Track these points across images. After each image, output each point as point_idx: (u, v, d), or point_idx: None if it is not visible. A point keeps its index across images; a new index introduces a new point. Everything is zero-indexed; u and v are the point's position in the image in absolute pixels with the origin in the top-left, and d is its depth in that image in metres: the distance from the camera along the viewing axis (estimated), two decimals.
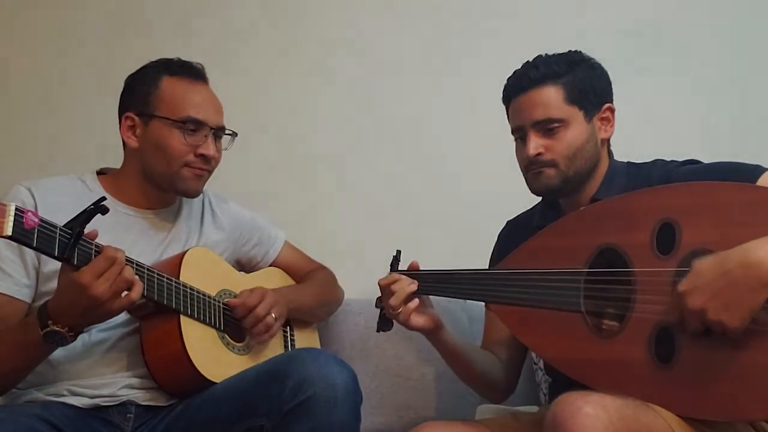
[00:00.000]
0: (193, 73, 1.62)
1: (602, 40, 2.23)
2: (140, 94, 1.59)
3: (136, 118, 1.58)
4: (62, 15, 2.29)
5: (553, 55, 1.53)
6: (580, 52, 1.55)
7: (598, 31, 2.26)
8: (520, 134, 1.54)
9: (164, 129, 1.57)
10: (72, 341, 1.33)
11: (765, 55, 2.32)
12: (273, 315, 1.61)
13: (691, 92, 2.30)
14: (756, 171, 1.38)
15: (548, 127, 1.49)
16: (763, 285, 1.17)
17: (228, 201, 1.81)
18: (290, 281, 1.87)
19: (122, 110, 1.62)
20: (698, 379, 1.24)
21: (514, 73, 1.55)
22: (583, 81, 1.50)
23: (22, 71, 2.28)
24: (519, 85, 1.52)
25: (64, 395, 1.43)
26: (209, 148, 1.58)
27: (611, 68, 1.58)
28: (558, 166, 1.50)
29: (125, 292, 1.32)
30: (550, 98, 1.49)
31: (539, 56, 1.54)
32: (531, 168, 1.52)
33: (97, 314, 1.31)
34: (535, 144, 1.49)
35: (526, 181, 1.56)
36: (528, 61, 1.54)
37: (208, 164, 1.60)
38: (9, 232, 1.18)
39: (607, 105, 1.54)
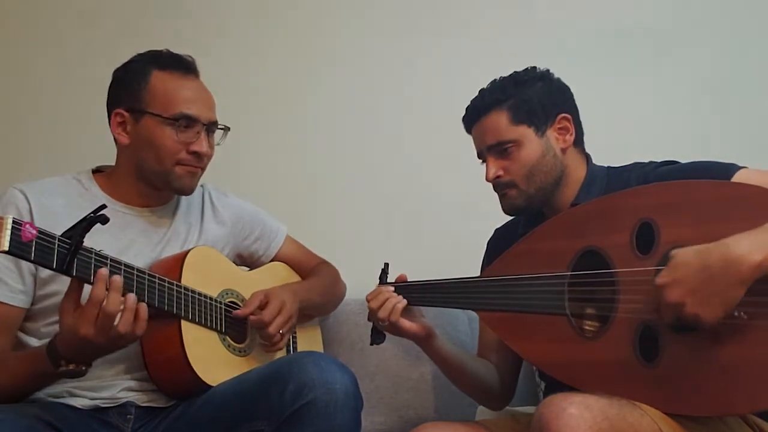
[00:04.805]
0: (183, 66, 1.56)
1: (588, 42, 2.25)
2: (130, 89, 1.54)
3: (127, 114, 1.54)
4: (60, 14, 2.33)
5: (501, 79, 1.60)
6: (534, 68, 1.60)
7: (584, 34, 2.27)
8: (481, 159, 1.62)
9: (156, 126, 1.52)
10: (88, 370, 1.33)
11: (754, 55, 2.31)
12: (281, 332, 1.60)
13: (679, 94, 2.30)
14: (730, 168, 1.40)
15: (502, 149, 1.56)
16: (742, 281, 1.17)
17: (228, 195, 1.78)
18: (295, 276, 1.85)
19: (112, 106, 1.56)
20: (683, 375, 1.25)
21: (470, 102, 1.62)
22: (529, 100, 1.56)
23: (20, 70, 2.31)
24: (470, 116, 1.61)
25: (63, 396, 1.43)
26: (202, 145, 1.54)
27: (596, 70, 1.60)
28: (518, 186, 1.56)
29: (116, 322, 1.27)
30: (498, 123, 1.56)
31: (493, 81, 1.61)
32: (496, 191, 1.60)
33: (98, 351, 1.30)
34: (493, 168, 1.58)
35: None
36: (481, 89, 1.61)
37: (200, 161, 1.56)
38: (6, 247, 1.14)
39: (561, 115, 1.58)
